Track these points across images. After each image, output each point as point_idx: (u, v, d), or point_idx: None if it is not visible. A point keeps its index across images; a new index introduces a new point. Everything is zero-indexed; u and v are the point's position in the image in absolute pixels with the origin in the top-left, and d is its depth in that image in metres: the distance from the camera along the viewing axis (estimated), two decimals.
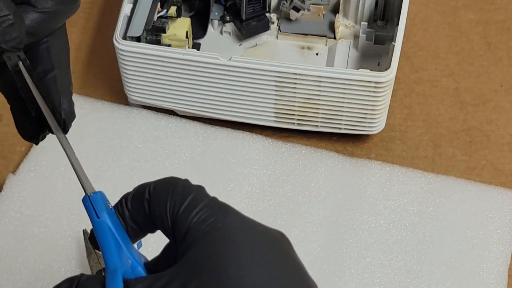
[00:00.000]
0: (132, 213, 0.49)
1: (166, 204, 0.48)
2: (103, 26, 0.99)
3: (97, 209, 0.49)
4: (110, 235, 0.48)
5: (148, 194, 0.49)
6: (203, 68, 0.83)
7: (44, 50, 0.55)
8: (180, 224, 0.47)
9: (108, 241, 0.48)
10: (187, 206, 0.47)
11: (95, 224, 0.49)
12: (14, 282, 0.78)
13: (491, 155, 0.88)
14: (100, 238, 0.48)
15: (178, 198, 0.48)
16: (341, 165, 0.86)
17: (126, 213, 0.49)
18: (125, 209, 0.49)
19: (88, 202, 0.49)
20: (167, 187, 0.49)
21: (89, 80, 0.94)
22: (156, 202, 0.48)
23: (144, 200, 0.48)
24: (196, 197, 0.48)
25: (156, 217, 0.48)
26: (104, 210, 0.49)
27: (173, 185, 0.49)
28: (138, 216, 0.49)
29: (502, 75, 0.94)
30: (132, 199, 0.49)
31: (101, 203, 0.49)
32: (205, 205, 0.48)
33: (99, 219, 0.49)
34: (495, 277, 0.79)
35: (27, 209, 0.83)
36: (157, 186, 0.49)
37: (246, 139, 0.88)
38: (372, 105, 0.83)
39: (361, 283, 0.79)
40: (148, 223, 0.49)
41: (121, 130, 0.89)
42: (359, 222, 0.82)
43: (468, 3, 1.00)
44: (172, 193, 0.48)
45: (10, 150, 0.89)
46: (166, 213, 0.48)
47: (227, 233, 0.46)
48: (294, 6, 0.90)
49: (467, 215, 0.83)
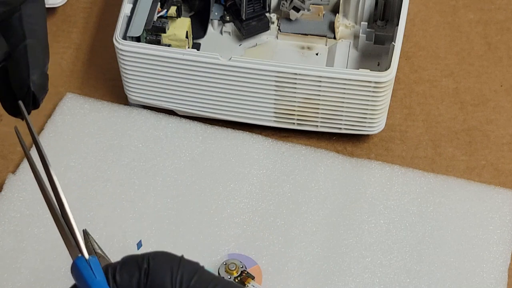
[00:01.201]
0: (120, 284, 0.46)
1: (171, 274, 0.46)
2: (103, 26, 0.99)
3: (95, 271, 0.47)
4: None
5: (146, 263, 0.46)
6: (203, 68, 0.83)
7: (16, 20, 0.51)
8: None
9: None
10: (199, 278, 0.46)
11: (94, 284, 0.46)
12: (14, 282, 0.78)
13: (491, 155, 0.88)
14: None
15: (186, 271, 0.46)
16: (341, 165, 0.86)
17: (111, 284, 0.46)
18: (111, 280, 0.47)
19: (84, 263, 0.47)
20: (170, 259, 0.47)
21: (89, 80, 0.94)
22: (159, 272, 0.46)
23: (142, 270, 0.46)
24: (204, 272, 0.47)
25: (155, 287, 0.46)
26: (102, 274, 0.47)
27: (176, 257, 0.47)
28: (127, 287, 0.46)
29: (502, 75, 0.94)
30: (123, 268, 0.47)
31: (98, 266, 0.47)
32: (218, 279, 0.47)
33: (97, 278, 0.46)
34: (495, 277, 0.79)
35: (27, 209, 0.83)
36: (158, 257, 0.47)
37: (246, 139, 0.88)
38: (372, 105, 0.83)
39: (361, 283, 0.79)
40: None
41: (121, 130, 0.89)
42: (359, 222, 0.82)
43: (468, 3, 1.00)
44: (178, 265, 0.46)
45: (10, 150, 0.89)
46: (171, 283, 0.46)
47: None
48: (294, 6, 0.90)
49: (467, 215, 0.83)
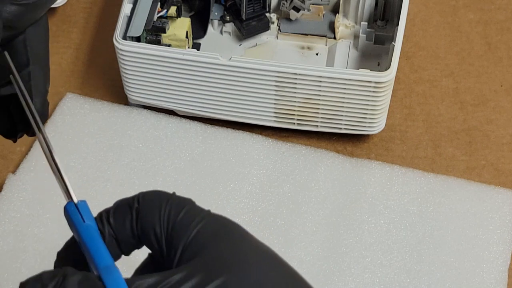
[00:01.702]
0: (115, 227, 0.46)
1: (159, 212, 0.46)
2: (103, 26, 0.99)
3: (84, 215, 0.47)
4: (98, 237, 0.46)
5: (137, 203, 0.47)
6: (203, 68, 0.83)
7: (20, 43, 0.52)
8: (179, 231, 0.45)
9: (97, 240, 0.45)
10: (186, 214, 0.46)
11: (82, 228, 0.46)
12: (14, 282, 0.78)
13: (491, 155, 0.88)
14: (87, 240, 0.45)
15: (173, 207, 0.46)
16: (341, 165, 0.86)
17: (107, 228, 0.46)
18: (106, 224, 0.47)
19: (73, 207, 0.47)
20: (160, 196, 0.47)
21: (89, 80, 0.94)
22: (148, 210, 0.46)
23: (133, 209, 0.46)
24: (194, 207, 0.47)
25: (145, 226, 0.46)
26: (91, 218, 0.47)
27: (166, 195, 0.47)
28: (121, 230, 0.46)
29: (502, 75, 0.94)
30: (116, 211, 0.47)
31: (87, 211, 0.47)
32: (205, 214, 0.47)
33: (86, 223, 0.46)
34: (495, 277, 0.79)
35: (27, 209, 0.83)
36: (148, 195, 0.47)
37: (246, 139, 0.88)
38: (372, 105, 0.83)
39: (361, 283, 0.79)
40: (132, 237, 0.46)
41: (121, 130, 0.89)
42: (359, 222, 0.82)
43: (468, 3, 1.00)
44: (167, 202, 0.46)
45: (10, 150, 0.89)
46: (159, 220, 0.46)
47: (233, 238, 0.45)
48: (294, 6, 0.90)
49: (467, 215, 0.83)
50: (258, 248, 0.46)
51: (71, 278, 0.42)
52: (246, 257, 0.45)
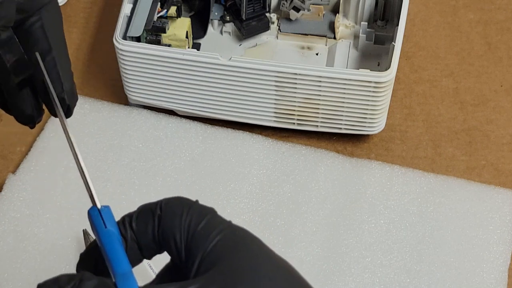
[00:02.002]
0: (137, 232, 0.47)
1: (180, 220, 0.46)
2: (103, 26, 0.99)
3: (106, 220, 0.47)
4: (118, 243, 0.46)
5: (159, 209, 0.47)
6: (203, 68, 0.83)
7: (39, 29, 0.52)
8: (198, 242, 0.46)
9: (117, 247, 0.46)
10: (207, 224, 0.46)
11: (102, 233, 0.47)
12: (14, 282, 0.78)
13: (491, 155, 0.88)
14: (106, 246, 0.46)
15: (194, 216, 0.46)
16: (341, 165, 0.86)
17: (129, 232, 0.47)
18: (128, 228, 0.47)
19: (96, 212, 0.48)
20: (182, 204, 0.47)
21: (89, 80, 0.94)
22: (169, 217, 0.46)
23: (155, 216, 0.47)
24: (215, 217, 0.47)
25: (166, 234, 0.46)
26: (114, 223, 0.47)
27: (188, 203, 0.47)
28: (143, 235, 0.47)
29: (502, 75, 0.94)
30: (139, 216, 0.47)
31: (110, 216, 0.48)
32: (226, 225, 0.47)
33: (107, 228, 0.47)
34: (495, 277, 0.79)
35: (27, 209, 0.83)
36: (170, 202, 0.47)
37: (246, 139, 0.88)
38: (372, 105, 0.83)
39: (361, 283, 0.79)
40: (153, 243, 0.47)
41: (121, 130, 0.89)
42: (359, 222, 0.82)
43: (468, 3, 1.00)
44: (188, 211, 0.47)
45: (10, 150, 0.89)
46: (180, 228, 0.46)
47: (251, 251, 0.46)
48: (294, 6, 0.90)
49: (467, 215, 0.83)
50: (274, 262, 0.46)
51: (87, 283, 0.43)
52: (260, 271, 0.45)
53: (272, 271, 0.45)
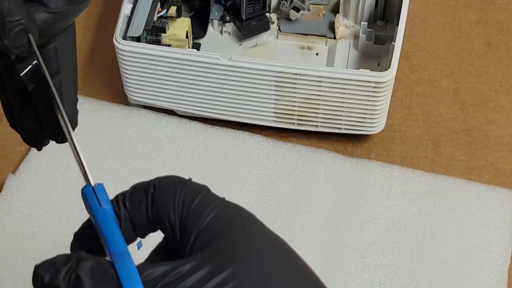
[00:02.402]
0: (130, 210, 0.47)
1: (174, 198, 0.46)
2: (103, 26, 0.99)
3: (100, 199, 0.47)
4: (114, 222, 0.46)
5: (153, 188, 0.47)
6: (203, 68, 0.83)
7: (52, 50, 0.52)
8: (192, 219, 0.46)
9: (112, 226, 0.46)
10: (200, 201, 0.46)
11: (97, 212, 0.46)
12: (14, 282, 0.78)
13: (491, 155, 0.88)
14: (102, 225, 0.46)
15: (188, 193, 0.46)
16: (341, 165, 0.86)
17: (123, 211, 0.47)
18: (122, 207, 0.47)
19: (91, 191, 0.47)
20: (175, 182, 0.47)
21: (89, 80, 0.94)
22: (163, 196, 0.46)
23: (149, 194, 0.47)
24: (208, 194, 0.47)
25: (160, 212, 0.46)
26: (108, 201, 0.47)
27: (181, 181, 0.47)
28: (137, 214, 0.47)
29: (502, 75, 0.94)
30: (132, 194, 0.47)
31: (104, 194, 0.47)
32: (220, 202, 0.47)
33: (102, 207, 0.47)
34: (495, 277, 0.79)
35: (27, 209, 0.83)
36: (163, 181, 0.47)
37: (246, 139, 0.88)
38: (372, 105, 0.83)
39: (361, 283, 0.79)
40: (147, 221, 0.47)
41: (121, 130, 0.89)
42: (359, 222, 0.82)
43: (468, 3, 1.00)
44: (182, 188, 0.47)
45: (10, 150, 0.89)
46: (174, 206, 0.46)
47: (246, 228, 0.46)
48: (294, 6, 0.90)
49: (467, 215, 0.83)
50: (269, 240, 0.46)
51: (84, 263, 0.43)
52: (256, 249, 0.45)
53: (266, 247, 0.45)
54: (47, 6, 0.49)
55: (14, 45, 0.48)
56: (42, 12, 0.49)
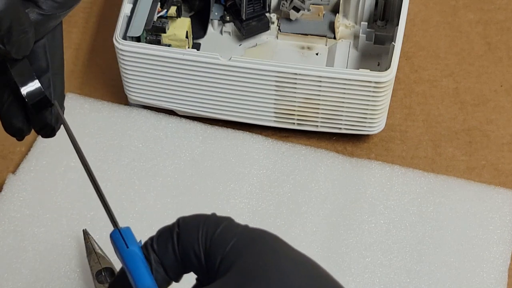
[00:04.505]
0: (159, 252, 0.48)
1: (197, 232, 0.47)
2: (103, 26, 0.99)
3: (127, 241, 0.48)
4: (140, 261, 0.47)
5: (177, 227, 0.48)
6: (203, 68, 0.83)
7: (41, 47, 0.53)
8: (216, 247, 0.46)
9: (138, 264, 0.47)
10: (223, 229, 0.47)
11: (125, 254, 0.47)
12: (14, 282, 0.78)
13: (491, 155, 0.88)
14: (129, 264, 0.47)
15: (211, 225, 0.47)
16: (341, 165, 0.86)
17: (152, 255, 0.48)
18: (151, 251, 0.48)
19: (118, 234, 0.48)
20: (198, 218, 0.48)
21: (89, 80, 0.94)
22: (187, 232, 0.47)
23: (174, 233, 0.47)
24: (231, 222, 0.48)
25: (186, 248, 0.47)
26: (135, 243, 0.48)
27: (204, 216, 0.48)
28: (165, 254, 0.47)
29: (502, 75, 0.94)
30: (159, 237, 0.48)
31: (131, 236, 0.48)
32: (242, 228, 0.47)
33: (129, 248, 0.47)
34: (495, 277, 0.79)
35: (27, 209, 0.83)
36: (187, 219, 0.48)
37: (246, 139, 0.88)
38: (372, 105, 0.83)
39: (361, 283, 0.79)
40: (175, 260, 0.47)
41: (121, 130, 0.89)
42: (359, 222, 0.82)
43: (468, 3, 1.00)
44: (204, 222, 0.47)
45: (10, 150, 0.89)
46: (198, 239, 0.47)
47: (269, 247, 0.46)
48: (294, 6, 0.90)
49: (467, 215, 0.83)
50: (292, 259, 0.46)
51: None
52: (277, 267, 0.45)
53: (289, 266, 0.45)
54: (41, 8, 0.51)
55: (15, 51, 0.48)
56: (35, 13, 0.50)
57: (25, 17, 0.48)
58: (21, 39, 0.48)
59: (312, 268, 0.47)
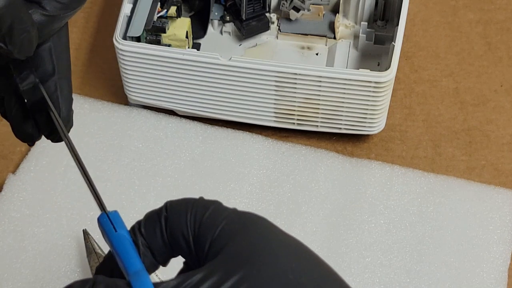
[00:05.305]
0: (146, 236, 0.47)
1: (186, 215, 0.46)
2: (103, 26, 0.99)
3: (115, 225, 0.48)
4: (129, 244, 0.47)
5: (165, 211, 0.47)
6: (203, 68, 0.83)
7: (46, 50, 0.53)
8: (205, 231, 0.46)
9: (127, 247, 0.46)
10: (211, 213, 0.46)
11: (113, 237, 0.47)
12: (14, 282, 0.78)
13: (491, 155, 0.88)
14: (118, 248, 0.46)
15: (199, 209, 0.47)
16: (341, 165, 0.86)
17: (140, 239, 0.47)
18: (138, 234, 0.47)
19: (106, 218, 0.48)
20: (186, 202, 0.47)
21: (89, 80, 0.94)
22: (175, 216, 0.47)
23: (161, 217, 0.47)
24: (219, 206, 0.47)
25: (174, 231, 0.47)
26: (123, 227, 0.48)
27: (192, 199, 0.48)
28: (153, 238, 0.47)
29: (502, 75, 0.94)
30: (146, 221, 0.48)
31: (119, 220, 0.48)
32: (231, 211, 0.47)
33: (117, 232, 0.47)
34: (495, 277, 0.79)
35: (27, 209, 0.83)
36: (175, 202, 0.48)
37: (246, 139, 0.88)
38: (372, 105, 0.83)
39: (361, 283, 0.79)
40: (163, 244, 0.47)
41: (121, 130, 0.89)
42: (359, 222, 0.82)
43: (468, 3, 1.00)
44: (192, 205, 0.47)
45: (10, 150, 0.89)
46: (186, 223, 0.46)
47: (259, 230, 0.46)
48: (294, 6, 0.90)
49: (467, 215, 0.83)
50: (282, 240, 0.46)
51: (100, 285, 0.44)
52: (267, 250, 0.45)
53: (278, 248, 0.45)
54: (45, 9, 0.50)
55: (17, 51, 0.48)
56: (39, 14, 0.50)
57: (27, 16, 0.48)
58: (23, 39, 0.48)
59: (302, 250, 0.46)
